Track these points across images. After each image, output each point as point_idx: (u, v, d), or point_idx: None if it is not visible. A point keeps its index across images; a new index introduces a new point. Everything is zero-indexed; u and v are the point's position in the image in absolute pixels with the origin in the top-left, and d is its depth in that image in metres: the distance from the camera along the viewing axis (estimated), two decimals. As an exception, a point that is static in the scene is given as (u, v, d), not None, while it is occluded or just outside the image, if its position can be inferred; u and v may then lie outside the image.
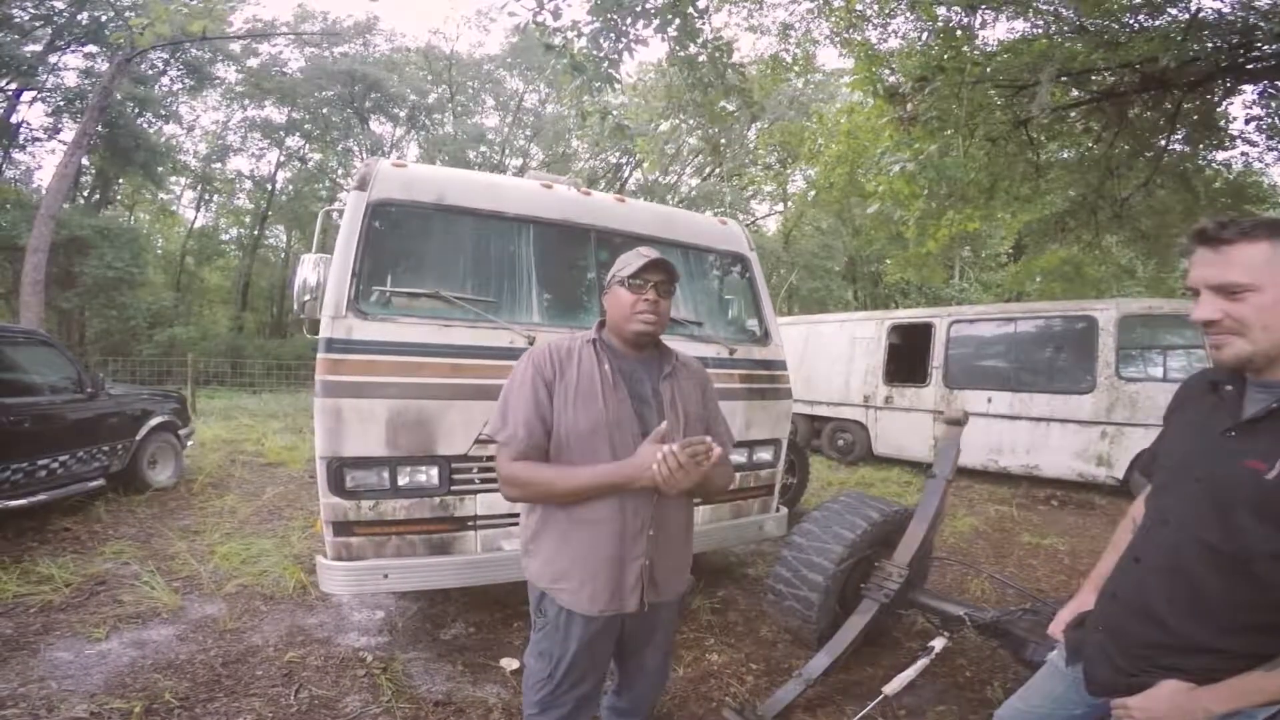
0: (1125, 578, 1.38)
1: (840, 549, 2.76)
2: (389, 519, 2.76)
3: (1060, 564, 4.76)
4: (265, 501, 5.79)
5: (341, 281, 2.80)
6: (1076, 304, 7.91)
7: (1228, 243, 1.16)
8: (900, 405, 8.79)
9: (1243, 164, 7.35)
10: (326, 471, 2.67)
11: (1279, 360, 1.16)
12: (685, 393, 1.72)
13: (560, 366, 1.62)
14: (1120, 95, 5.42)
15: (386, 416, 2.70)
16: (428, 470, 2.80)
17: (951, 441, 2.88)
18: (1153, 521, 1.35)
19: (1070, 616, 1.57)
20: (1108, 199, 7.63)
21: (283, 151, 24.23)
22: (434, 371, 2.81)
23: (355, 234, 2.89)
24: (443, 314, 2.94)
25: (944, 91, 4.54)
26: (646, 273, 1.63)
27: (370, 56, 22.81)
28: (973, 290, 19.08)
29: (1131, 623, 1.32)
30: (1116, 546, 1.57)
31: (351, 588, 2.80)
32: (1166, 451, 1.40)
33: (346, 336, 2.73)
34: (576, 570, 1.59)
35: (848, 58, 6.71)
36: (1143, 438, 6.81)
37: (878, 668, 2.97)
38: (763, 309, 3.87)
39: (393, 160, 3.20)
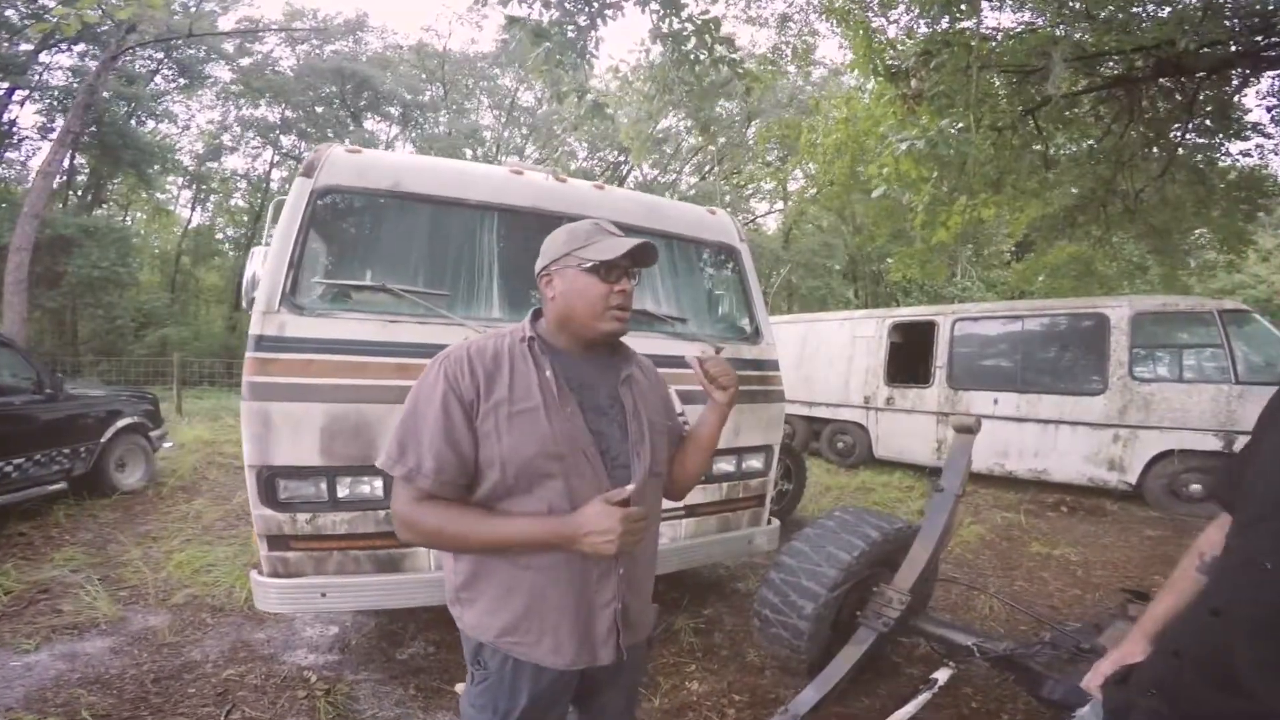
0: (1196, 633, 1.10)
1: (834, 573, 2.46)
2: (329, 533, 2.49)
3: (1073, 576, 4.45)
4: (235, 506, 5.55)
5: (276, 274, 2.54)
6: (1087, 301, 7.61)
7: None
8: (902, 407, 8.49)
9: (1257, 156, 7.04)
10: (256, 482, 2.41)
11: None
12: (647, 399, 1.40)
13: (485, 380, 1.24)
14: (1133, 82, 5.11)
15: (323, 422, 2.43)
16: (371, 481, 2.53)
17: (962, 451, 2.60)
18: (1241, 565, 1.06)
19: (1112, 669, 1.28)
20: (1118, 193, 7.32)
21: (277, 150, 24.09)
22: (377, 372, 2.53)
23: (295, 222, 2.63)
24: (389, 309, 2.67)
25: (951, 66, 4.23)
26: (627, 259, 1.29)
27: (362, 54, 22.63)
28: (975, 289, 18.76)
29: (1202, 689, 1.05)
30: (1176, 588, 1.30)
31: (287, 606, 2.55)
32: (1262, 478, 1.11)
33: (278, 334, 2.46)
34: (531, 623, 1.26)
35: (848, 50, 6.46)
36: (1157, 441, 6.53)
37: (874, 698, 2.68)
38: (754, 305, 3.59)
39: (347, 146, 2.93)
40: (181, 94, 21.75)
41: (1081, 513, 6.48)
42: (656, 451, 1.37)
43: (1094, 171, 6.91)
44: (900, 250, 11.02)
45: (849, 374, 9.03)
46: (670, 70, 4.41)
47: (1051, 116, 5.53)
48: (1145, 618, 1.33)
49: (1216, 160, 6.98)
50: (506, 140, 24.16)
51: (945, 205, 6.44)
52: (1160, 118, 5.98)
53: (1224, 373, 6.27)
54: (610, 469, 1.28)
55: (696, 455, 1.50)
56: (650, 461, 1.33)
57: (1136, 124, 6.03)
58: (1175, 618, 1.27)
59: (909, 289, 19.53)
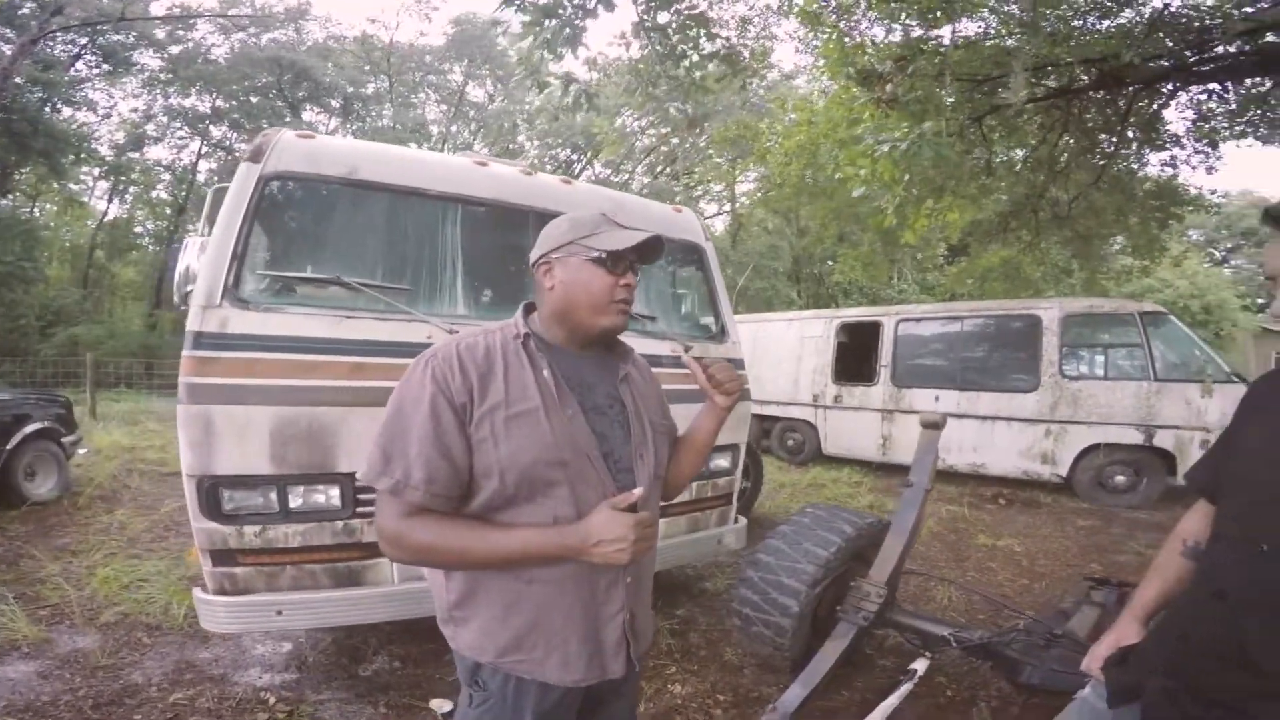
0: (1205, 616, 1.14)
1: (814, 569, 2.46)
2: (280, 546, 2.31)
3: (1019, 566, 4.64)
4: (162, 516, 5.16)
5: (218, 265, 2.35)
6: (1020, 303, 8.00)
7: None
8: (849, 404, 8.72)
9: (1172, 166, 7.57)
10: (197, 492, 2.22)
11: None
12: (645, 398, 1.33)
13: (478, 382, 1.14)
14: (1073, 93, 5.40)
15: (271, 426, 2.26)
16: (326, 490, 2.37)
17: (929, 447, 2.64)
18: (1237, 550, 1.11)
19: (1109, 651, 1.33)
20: (1049, 200, 7.73)
21: (206, 141, 22.75)
22: (331, 372, 2.37)
23: (241, 210, 2.44)
24: (344, 304, 2.50)
25: (927, 71, 4.34)
26: (636, 252, 1.21)
27: (303, 43, 21.64)
28: (911, 290, 19.51)
29: (1215, 668, 1.09)
30: (1164, 573, 1.35)
31: (237, 626, 2.36)
32: (1247, 465, 1.16)
33: (220, 330, 2.27)
34: (536, 639, 1.17)
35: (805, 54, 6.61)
36: (1085, 435, 6.92)
37: (853, 691, 2.71)
38: (719, 304, 3.57)
39: (298, 131, 2.75)
40: (104, 81, 20.26)
41: (1019, 504, 6.80)
42: (659, 453, 1.31)
43: (1028, 179, 7.27)
44: (845, 252, 11.34)
45: (798, 373, 9.21)
46: (654, 65, 4.31)
47: (998, 124, 5.78)
48: (1135, 602, 1.38)
49: (1138, 170, 7.48)
50: (454, 135, 23.58)
51: (913, 207, 6.65)
52: (1092, 128, 6.34)
53: (1144, 371, 6.70)
54: (614, 472, 1.21)
55: (691, 457, 1.45)
56: (654, 464, 1.28)
57: (1072, 134, 6.38)
58: (1168, 601, 1.33)
59: (849, 290, 20.14)
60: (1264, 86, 5.47)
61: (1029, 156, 7.22)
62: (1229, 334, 22.86)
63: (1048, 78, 5.07)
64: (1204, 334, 17.31)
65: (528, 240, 3.03)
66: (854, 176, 4.94)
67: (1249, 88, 5.63)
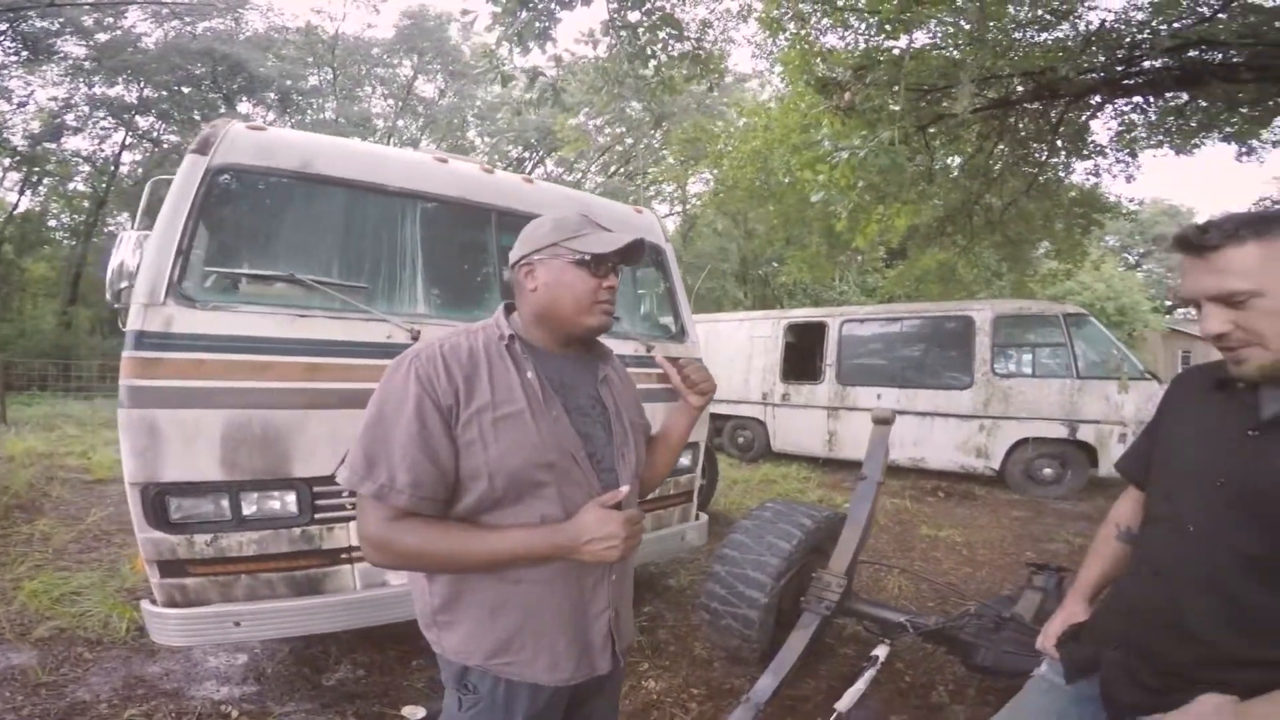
0: (1146, 592, 1.24)
1: (778, 561, 2.53)
2: (234, 555, 2.22)
3: (961, 555, 4.87)
4: (90, 526, 4.85)
5: (161, 260, 2.23)
6: (955, 305, 8.40)
7: (1213, 249, 1.04)
8: (797, 402, 8.95)
9: (1095, 175, 8.08)
10: (141, 501, 2.11)
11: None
12: (624, 399, 1.35)
13: (465, 383, 1.13)
14: (1010, 104, 5.72)
15: (222, 430, 2.17)
16: (282, 495, 2.29)
17: (880, 442, 2.75)
18: (1169, 531, 1.22)
19: (1061, 629, 1.43)
20: (982, 205, 8.14)
21: (131, 132, 21.35)
22: (285, 373, 2.29)
23: (186, 203, 2.33)
24: (298, 302, 2.42)
25: (883, 81, 4.52)
26: (619, 255, 1.22)
27: (241, 33, 20.56)
28: (853, 292, 20.15)
29: (1161, 640, 1.19)
30: (1102, 554, 1.47)
31: (193, 639, 2.24)
32: (1172, 453, 1.28)
33: (164, 329, 2.16)
34: (525, 640, 1.17)
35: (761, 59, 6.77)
36: (1015, 430, 7.31)
37: (819, 679, 2.81)
38: (679, 304, 3.62)
39: (249, 122, 2.64)
40: (22, 69, 18.71)
41: (957, 497, 7.12)
42: (638, 452, 1.34)
43: (964, 186, 7.65)
44: (794, 254, 11.64)
45: (748, 372, 9.40)
46: (622, 63, 4.30)
47: (940, 133, 6.06)
48: (1079, 583, 1.49)
49: (1065, 179, 7.96)
50: (400, 130, 22.91)
51: (865, 213, 6.89)
52: (1025, 138, 6.73)
53: (1067, 369, 7.14)
54: (599, 472, 1.22)
55: (665, 455, 1.48)
56: (635, 462, 1.31)
57: (1007, 143, 6.75)
58: (1108, 581, 1.44)
59: (794, 291, 20.65)
60: (1181, 99, 5.95)
61: (966, 164, 7.59)
62: (1140, 334, 24.54)
63: (988, 89, 5.36)
64: (1119, 334, 18.54)
65: (489, 239, 3.01)
66: (812, 182, 5.10)
67: (1168, 100, 6.11)
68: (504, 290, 2.94)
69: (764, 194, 9.69)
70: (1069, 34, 4.90)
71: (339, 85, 22.13)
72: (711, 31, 5.41)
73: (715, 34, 5.54)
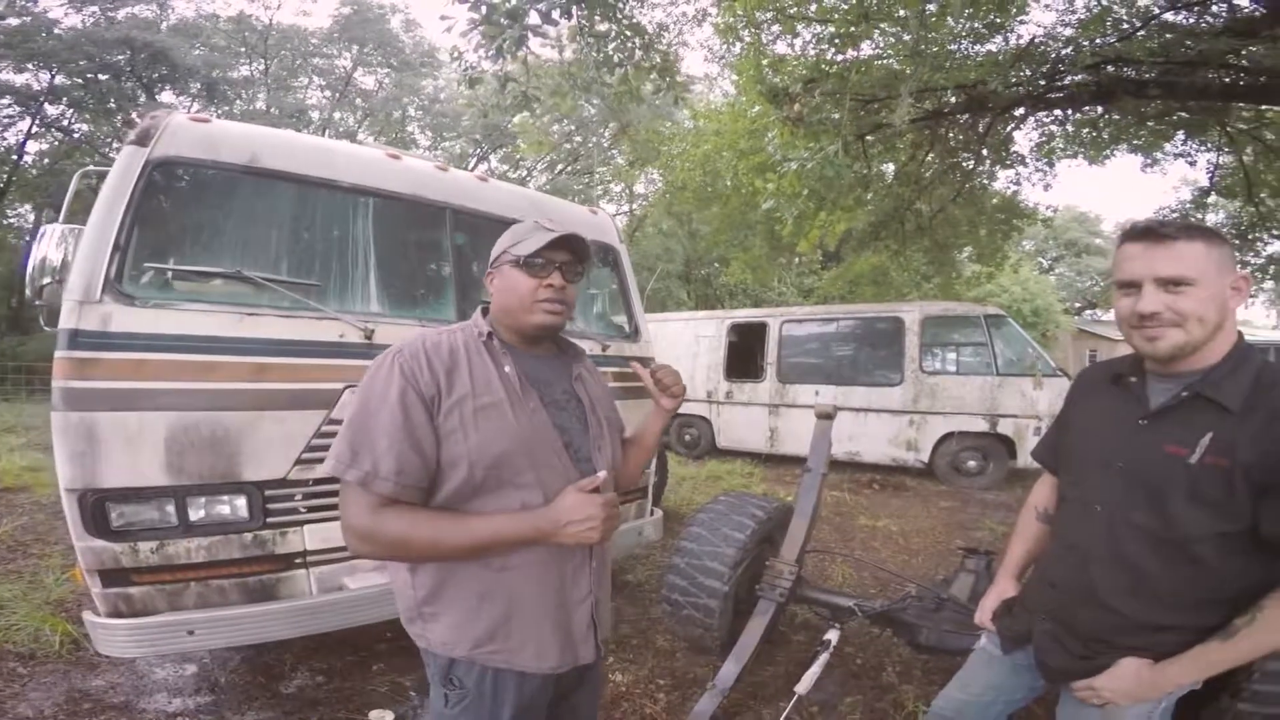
0: (1064, 567, 1.39)
1: (734, 552, 2.64)
2: (182, 562, 2.14)
3: (897, 544, 5.15)
4: (3, 536, 4.53)
5: (96, 257, 2.14)
6: (887, 306, 8.81)
7: (1174, 239, 1.18)
8: (740, 400, 9.18)
9: (1016, 183, 8.65)
10: (79, 508, 2.01)
11: (1194, 353, 1.20)
12: (597, 395, 1.41)
13: (445, 375, 1.19)
14: (942, 115, 6.07)
15: (167, 433, 2.10)
16: (231, 500, 2.23)
17: (822, 435, 2.89)
18: (1080, 510, 1.37)
19: (995, 604, 1.58)
20: (913, 212, 8.58)
21: (38, 121, 19.67)
22: (233, 373, 2.24)
23: (124, 196, 2.22)
24: (246, 300, 2.36)
25: (830, 92, 4.71)
26: (551, 251, 1.27)
27: (165, 20, 19.24)
28: (791, 293, 20.75)
29: (1081, 609, 1.33)
30: (1024, 535, 1.62)
31: (144, 649, 2.16)
32: (1078, 442, 1.43)
33: (101, 328, 2.08)
34: (510, 628, 1.20)
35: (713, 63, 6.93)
36: (942, 424, 7.74)
37: (777, 665, 2.94)
38: (632, 304, 3.69)
39: (191, 113, 2.54)
40: None
41: (890, 489, 7.49)
42: (614, 445, 1.39)
43: (897, 193, 8.03)
44: (737, 256, 11.93)
45: (694, 370, 9.56)
46: (589, 70, 4.31)
47: (877, 141, 6.37)
48: (1006, 562, 1.64)
49: (988, 187, 8.48)
50: (337, 122, 22.00)
51: (809, 219, 7.14)
52: (954, 147, 7.14)
53: (988, 366, 7.62)
54: (576, 463, 1.28)
55: (639, 455, 1.55)
56: (610, 454, 1.36)
57: (937, 152, 7.14)
58: (1032, 559, 1.59)
59: (735, 292, 21.09)
60: (1096, 112, 6.46)
61: (899, 172, 7.98)
62: (1052, 334, 26.25)
63: (924, 101, 5.67)
64: (1034, 334, 19.76)
65: (443, 237, 2.99)
66: (762, 190, 5.27)
67: (1084, 114, 6.61)
68: (458, 288, 2.93)
69: (710, 196, 9.90)
70: (1001, 47, 5.26)
71: (272, 76, 21.06)
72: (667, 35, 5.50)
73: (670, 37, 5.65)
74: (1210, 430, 1.15)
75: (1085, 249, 34.96)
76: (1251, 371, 1.17)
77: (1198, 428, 1.17)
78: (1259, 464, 1.10)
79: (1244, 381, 1.16)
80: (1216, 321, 1.17)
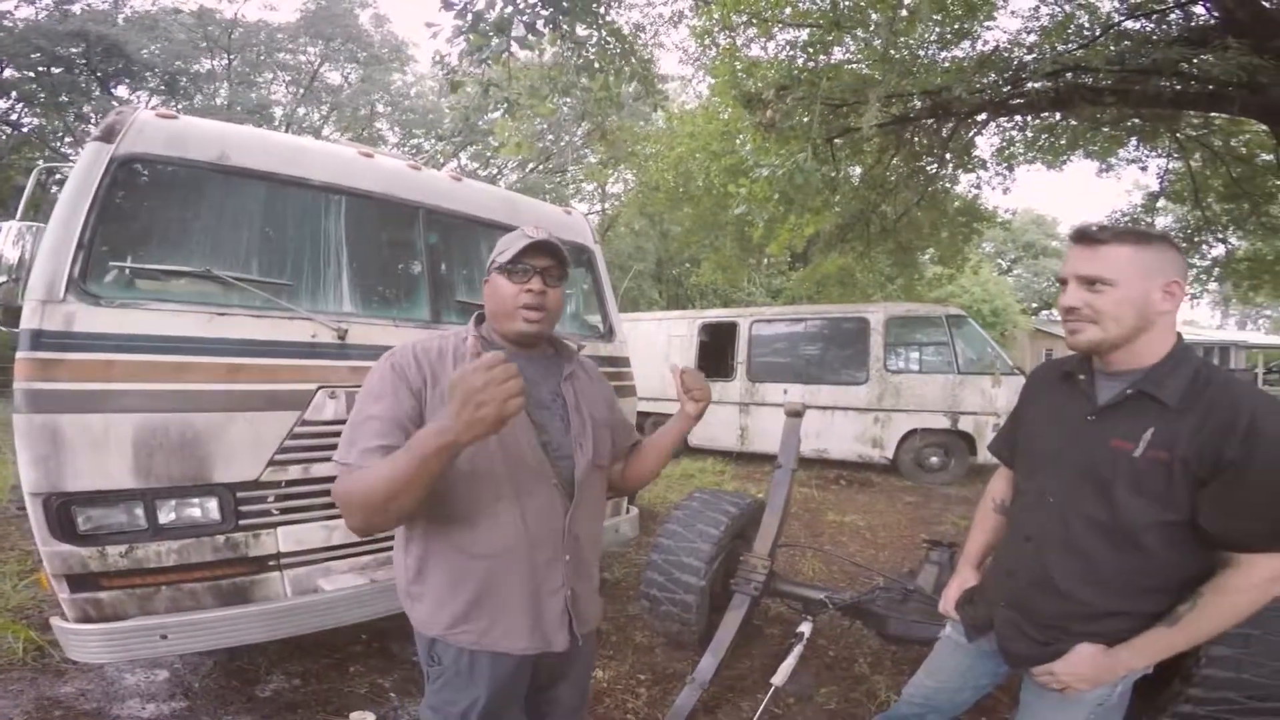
0: (1020, 556, 1.44)
1: (709, 547, 2.70)
2: (153, 566, 2.10)
3: (864, 538, 5.28)
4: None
5: (59, 254, 2.09)
6: (852, 307, 9.00)
7: (1102, 243, 1.26)
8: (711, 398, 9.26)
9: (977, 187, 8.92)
10: (44, 512, 1.97)
11: (1122, 351, 1.28)
12: (589, 395, 1.47)
13: (431, 371, 1.28)
14: (908, 120, 6.24)
15: (135, 435, 2.07)
16: (202, 502, 2.20)
17: (792, 432, 2.96)
18: (1034, 502, 1.43)
19: (958, 593, 1.63)
20: (879, 214, 8.79)
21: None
22: (205, 374, 2.21)
23: (88, 193, 2.18)
24: (216, 300, 2.33)
25: (801, 98, 4.80)
26: (529, 256, 1.33)
27: (119, 13, 18.50)
28: (759, 294, 21.01)
29: (1037, 597, 1.38)
30: (983, 526, 1.68)
31: (115, 654, 2.11)
32: (1031, 436, 1.50)
33: (65, 328, 2.04)
34: (482, 611, 1.28)
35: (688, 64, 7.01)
36: (905, 422, 7.95)
37: (752, 659, 3.00)
38: (607, 304, 3.72)
39: (158, 110, 2.49)
40: None
41: (856, 485, 7.66)
42: (599, 444, 1.43)
43: (863, 195, 8.22)
44: (708, 256, 12.05)
45: (666, 370, 9.63)
46: (569, 74, 4.32)
47: (845, 145, 6.51)
48: (966, 553, 1.71)
49: (951, 190, 8.73)
50: (301, 118, 21.45)
51: (779, 222, 7.27)
52: (919, 152, 7.34)
53: (949, 365, 7.85)
54: (553, 459, 1.34)
55: (656, 456, 1.60)
56: (592, 453, 1.40)
57: (902, 157, 7.33)
58: (990, 549, 1.66)
59: (705, 292, 21.25)
60: (1054, 119, 6.70)
61: (865, 175, 8.17)
62: (1011, 334, 27.06)
63: (891, 106, 5.83)
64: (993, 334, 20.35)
65: (416, 236, 2.98)
66: (735, 194, 5.35)
67: (1043, 120, 6.86)
68: (432, 288, 2.92)
69: (683, 197, 9.99)
70: (968, 53, 5.42)
71: (234, 71, 20.43)
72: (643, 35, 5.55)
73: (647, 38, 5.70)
74: (1152, 426, 1.22)
75: (1042, 251, 36.01)
76: (1190, 370, 1.24)
77: (1141, 423, 1.24)
78: (1196, 458, 1.17)
79: (1183, 380, 1.23)
80: (1135, 322, 1.24)
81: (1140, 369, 1.27)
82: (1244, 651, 1.84)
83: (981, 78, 5.08)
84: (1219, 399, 1.19)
